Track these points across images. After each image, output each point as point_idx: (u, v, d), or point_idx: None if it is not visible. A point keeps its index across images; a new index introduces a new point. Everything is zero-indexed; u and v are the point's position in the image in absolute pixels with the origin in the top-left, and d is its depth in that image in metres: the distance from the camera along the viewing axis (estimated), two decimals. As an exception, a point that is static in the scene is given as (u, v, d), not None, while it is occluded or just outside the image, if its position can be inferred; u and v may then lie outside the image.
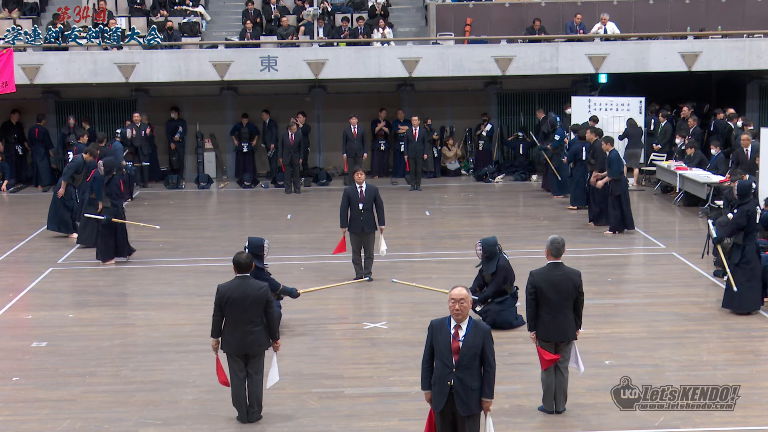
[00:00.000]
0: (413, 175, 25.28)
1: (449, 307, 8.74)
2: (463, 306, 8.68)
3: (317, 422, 10.54)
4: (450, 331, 8.73)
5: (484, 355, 8.72)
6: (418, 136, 24.98)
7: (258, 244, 13.13)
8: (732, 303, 14.01)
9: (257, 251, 12.99)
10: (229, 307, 10.29)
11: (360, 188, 16.10)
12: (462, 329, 8.72)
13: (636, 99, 25.89)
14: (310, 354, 12.70)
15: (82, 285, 16.29)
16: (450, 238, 19.47)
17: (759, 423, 10.38)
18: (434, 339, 8.79)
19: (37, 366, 12.49)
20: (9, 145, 26.45)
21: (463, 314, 8.70)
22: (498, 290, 13.76)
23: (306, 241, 19.42)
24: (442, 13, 27.37)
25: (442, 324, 8.81)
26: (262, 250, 13.10)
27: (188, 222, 22.14)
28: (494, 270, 13.78)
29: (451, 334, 8.72)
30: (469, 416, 8.76)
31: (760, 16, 27.06)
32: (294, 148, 24.45)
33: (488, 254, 13.83)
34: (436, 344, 8.78)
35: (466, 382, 8.69)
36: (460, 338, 8.69)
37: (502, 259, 13.87)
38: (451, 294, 8.74)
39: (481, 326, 8.81)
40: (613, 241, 19.09)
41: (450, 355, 8.69)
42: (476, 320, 8.85)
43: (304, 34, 26.97)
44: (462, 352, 8.67)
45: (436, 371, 8.81)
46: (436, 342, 8.78)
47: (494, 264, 13.80)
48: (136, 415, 10.77)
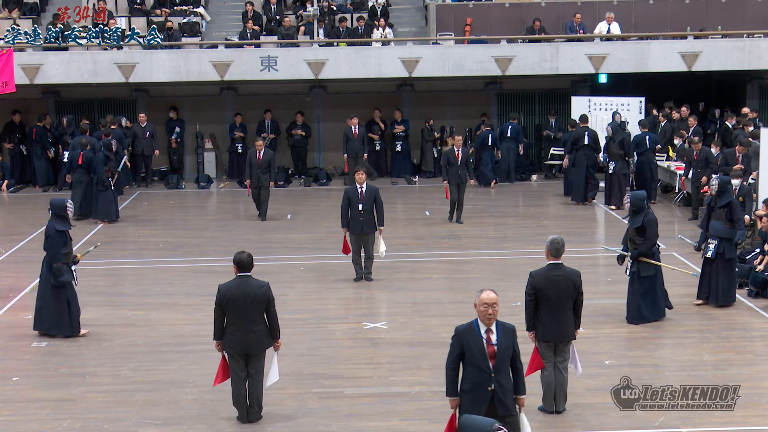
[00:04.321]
0: (454, 205, 20.77)
1: (479, 312, 8.59)
2: (495, 310, 8.58)
3: (317, 422, 10.54)
4: (481, 335, 8.59)
5: (514, 354, 8.69)
6: (461, 157, 20.61)
7: (60, 205, 13.39)
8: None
9: (60, 212, 13.32)
10: (230, 307, 10.28)
11: (360, 188, 16.10)
12: (493, 333, 8.61)
13: (636, 99, 25.90)
14: (310, 354, 12.70)
15: (82, 285, 16.23)
16: (450, 238, 19.47)
17: (759, 423, 10.38)
18: (465, 345, 8.61)
19: (37, 366, 12.49)
20: (12, 145, 26.48)
21: (494, 318, 8.60)
22: (651, 246, 13.64)
23: (306, 241, 19.42)
24: (442, 13, 27.37)
25: (471, 329, 8.65)
26: (65, 211, 13.37)
27: (188, 222, 22.15)
28: (640, 224, 13.67)
29: (483, 338, 8.59)
30: (506, 416, 8.68)
31: (760, 16, 27.06)
32: (262, 168, 21.20)
33: (635, 208, 13.73)
34: (469, 350, 8.60)
35: (504, 384, 8.63)
36: (494, 342, 8.59)
37: (651, 214, 13.78)
38: (481, 298, 8.59)
39: (507, 326, 8.73)
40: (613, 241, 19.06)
41: (486, 360, 8.57)
42: (500, 321, 8.73)
43: (304, 34, 26.97)
44: (498, 356, 8.58)
45: (470, 377, 8.63)
46: (468, 348, 8.60)
47: (641, 219, 13.67)
48: (136, 415, 10.77)
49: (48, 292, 13.43)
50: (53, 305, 13.41)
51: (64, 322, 13.46)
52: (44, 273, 13.50)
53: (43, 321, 13.54)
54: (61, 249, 13.37)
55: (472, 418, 6.13)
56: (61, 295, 13.39)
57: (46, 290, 13.46)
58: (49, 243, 13.33)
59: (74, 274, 13.54)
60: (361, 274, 16.22)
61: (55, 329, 13.48)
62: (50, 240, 13.32)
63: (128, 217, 22.28)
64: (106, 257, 18.51)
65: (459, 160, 20.35)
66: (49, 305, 13.44)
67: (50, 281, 13.37)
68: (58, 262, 13.33)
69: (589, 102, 25.96)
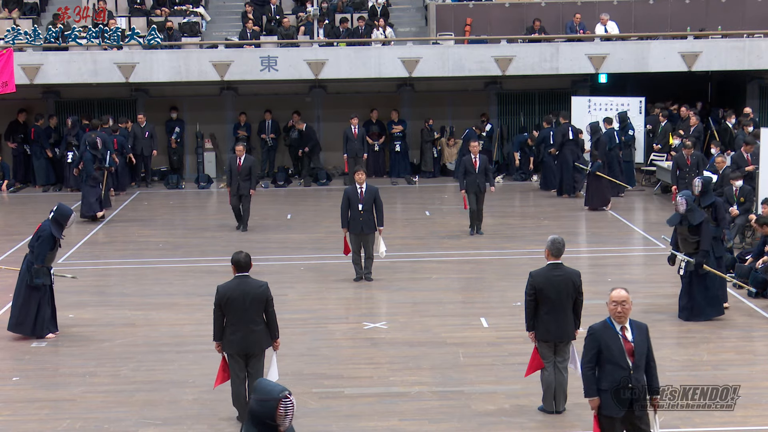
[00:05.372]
0: (474, 215, 19.63)
1: (610, 310, 8.61)
2: (625, 308, 8.58)
3: (317, 422, 10.54)
4: (618, 333, 8.60)
5: (648, 352, 8.68)
6: (479, 165, 19.30)
7: (66, 214, 13.46)
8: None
9: (63, 220, 13.40)
10: (229, 308, 10.27)
11: (360, 189, 16.10)
12: (628, 330, 8.62)
13: (636, 99, 25.90)
14: (310, 354, 12.70)
15: (82, 285, 16.28)
16: (450, 238, 19.46)
17: (759, 423, 10.38)
18: (603, 344, 8.62)
19: (37, 366, 12.49)
20: (16, 144, 26.49)
21: (626, 316, 8.61)
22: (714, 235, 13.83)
23: (306, 241, 19.42)
24: (442, 13, 27.37)
25: (606, 327, 8.65)
26: (66, 221, 13.48)
27: (188, 222, 22.15)
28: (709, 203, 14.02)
29: (620, 336, 8.59)
30: (642, 416, 8.69)
31: (760, 16, 27.07)
32: (242, 175, 19.92)
33: (705, 189, 14.10)
34: (607, 349, 8.59)
35: (641, 382, 8.63)
36: (631, 340, 8.60)
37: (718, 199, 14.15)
38: (611, 296, 8.62)
39: (641, 324, 8.73)
40: (613, 241, 19.09)
41: (625, 357, 8.58)
42: (633, 319, 8.75)
43: (304, 34, 26.97)
44: (636, 353, 8.59)
45: (609, 376, 8.61)
46: (606, 347, 8.60)
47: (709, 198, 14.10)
48: (136, 415, 10.77)
49: (21, 290, 13.39)
50: (22, 304, 13.38)
51: (27, 323, 13.38)
52: (23, 271, 13.48)
53: (9, 318, 13.52)
54: (47, 252, 13.36)
55: (266, 382, 6.15)
56: (33, 297, 13.35)
57: (20, 288, 13.43)
58: (39, 242, 13.30)
59: (52, 278, 13.51)
60: (361, 274, 16.22)
61: (17, 328, 13.44)
62: (41, 240, 13.29)
63: (128, 217, 22.29)
64: (106, 257, 18.53)
65: (477, 168, 19.13)
66: (18, 302, 13.41)
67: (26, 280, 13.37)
68: (40, 263, 13.32)
69: (589, 102, 25.98)
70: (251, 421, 6.08)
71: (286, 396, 5.99)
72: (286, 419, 6.00)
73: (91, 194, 21.50)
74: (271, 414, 5.99)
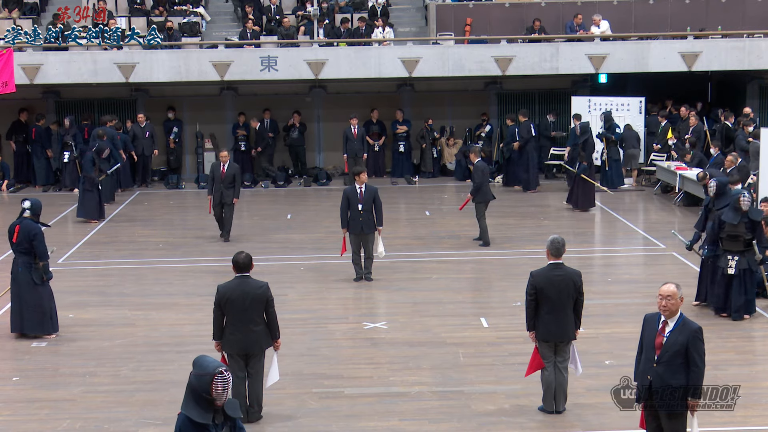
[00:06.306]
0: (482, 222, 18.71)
1: (658, 303, 8.71)
2: (670, 303, 8.60)
3: (317, 422, 10.54)
4: (657, 326, 8.70)
5: (689, 353, 8.63)
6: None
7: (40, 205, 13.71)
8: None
9: (39, 212, 13.60)
10: (229, 308, 10.28)
11: (360, 189, 16.09)
12: (669, 325, 8.66)
13: (636, 99, 25.90)
14: (310, 354, 12.70)
15: (82, 285, 16.28)
16: (450, 238, 19.46)
17: (759, 423, 10.39)
18: (645, 332, 8.79)
19: (37, 366, 12.48)
20: (18, 144, 26.50)
21: (671, 311, 8.62)
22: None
23: (306, 241, 19.42)
24: (442, 13, 27.37)
25: (654, 318, 8.78)
26: (41, 209, 13.70)
27: (188, 222, 22.14)
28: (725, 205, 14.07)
29: (657, 329, 8.69)
30: (670, 414, 8.68)
31: (760, 16, 27.06)
32: (226, 183, 18.84)
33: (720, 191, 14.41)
34: (644, 338, 8.80)
35: (666, 379, 8.62)
36: (665, 334, 8.65)
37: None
38: (660, 290, 8.69)
39: (690, 325, 8.71)
40: (614, 241, 19.10)
41: (653, 349, 8.68)
42: (686, 318, 8.77)
43: (304, 34, 26.97)
44: (664, 348, 8.61)
45: (641, 365, 8.81)
46: (644, 336, 8.80)
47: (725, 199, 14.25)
48: (136, 415, 10.77)
49: (29, 292, 13.39)
50: (35, 305, 13.39)
51: (46, 321, 13.43)
52: (20, 274, 13.45)
53: (24, 321, 13.49)
54: (46, 245, 13.47)
55: (204, 358, 6.82)
56: (43, 294, 13.40)
57: (26, 291, 13.41)
58: (38, 241, 13.34)
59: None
60: (361, 274, 16.22)
61: (38, 329, 13.45)
62: (38, 238, 13.34)
63: (128, 217, 22.28)
64: (106, 257, 18.52)
65: None
66: (31, 305, 13.40)
67: (33, 281, 13.36)
68: (45, 259, 13.41)
69: (589, 102, 25.97)
70: (190, 394, 6.74)
71: (221, 372, 6.64)
72: (222, 394, 6.67)
73: (89, 199, 21.41)
74: (207, 388, 6.67)
